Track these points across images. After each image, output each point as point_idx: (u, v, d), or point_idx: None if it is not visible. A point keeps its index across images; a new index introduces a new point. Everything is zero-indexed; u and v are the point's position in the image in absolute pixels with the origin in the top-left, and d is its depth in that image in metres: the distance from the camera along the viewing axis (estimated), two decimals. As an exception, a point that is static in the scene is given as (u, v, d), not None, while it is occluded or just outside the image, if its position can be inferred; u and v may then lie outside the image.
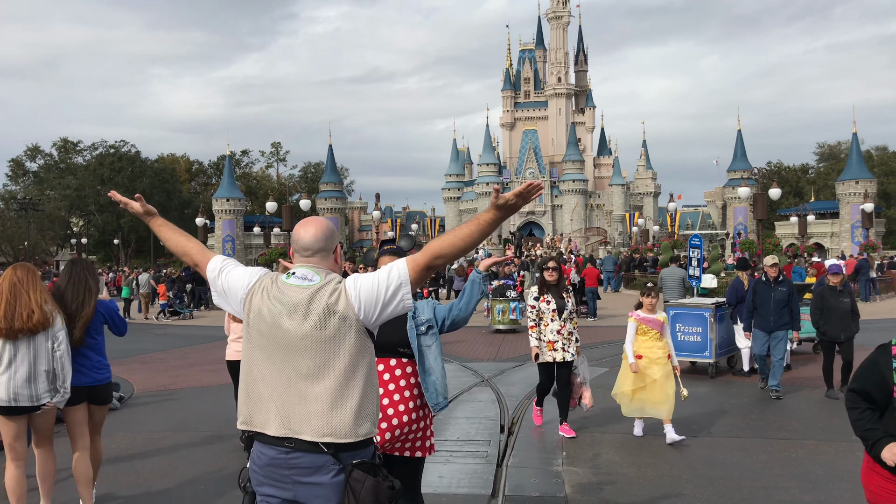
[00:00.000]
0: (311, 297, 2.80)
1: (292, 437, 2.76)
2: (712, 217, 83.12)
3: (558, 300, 7.96)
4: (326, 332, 2.76)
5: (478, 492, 6.25)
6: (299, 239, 2.96)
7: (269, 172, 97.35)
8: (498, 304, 18.68)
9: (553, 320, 7.91)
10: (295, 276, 2.88)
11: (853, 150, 63.83)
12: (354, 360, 2.80)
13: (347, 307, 2.78)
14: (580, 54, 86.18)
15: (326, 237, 2.97)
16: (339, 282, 2.86)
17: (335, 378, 2.76)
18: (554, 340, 7.90)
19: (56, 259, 73.05)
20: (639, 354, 7.89)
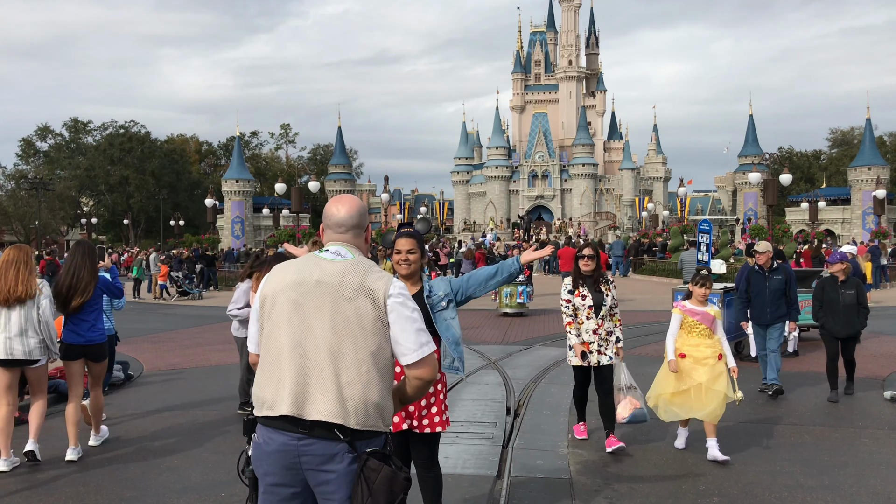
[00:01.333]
0: (344, 270, 2.77)
1: (306, 418, 2.66)
2: (722, 202, 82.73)
3: (595, 294, 6.82)
4: (354, 305, 2.71)
5: (483, 472, 6.30)
6: (333, 215, 2.93)
7: (278, 154, 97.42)
8: (506, 288, 18.68)
9: (589, 318, 6.81)
10: (328, 252, 2.86)
11: (866, 136, 63.33)
12: (380, 346, 2.75)
13: (380, 297, 2.74)
14: (591, 37, 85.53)
15: (360, 213, 2.96)
16: (380, 272, 2.82)
17: (359, 358, 2.71)
18: (590, 341, 6.81)
19: (66, 238, 73.52)
20: (682, 353, 6.76)
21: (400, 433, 4.35)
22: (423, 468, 4.51)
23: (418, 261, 4.41)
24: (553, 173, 75.82)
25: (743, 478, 6.15)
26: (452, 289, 4.43)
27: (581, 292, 6.86)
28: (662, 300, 18.32)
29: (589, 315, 6.82)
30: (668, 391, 6.80)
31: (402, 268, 4.38)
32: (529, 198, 76.16)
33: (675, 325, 6.92)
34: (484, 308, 19.58)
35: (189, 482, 6.09)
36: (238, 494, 5.78)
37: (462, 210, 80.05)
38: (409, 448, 4.48)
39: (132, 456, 6.90)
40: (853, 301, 9.10)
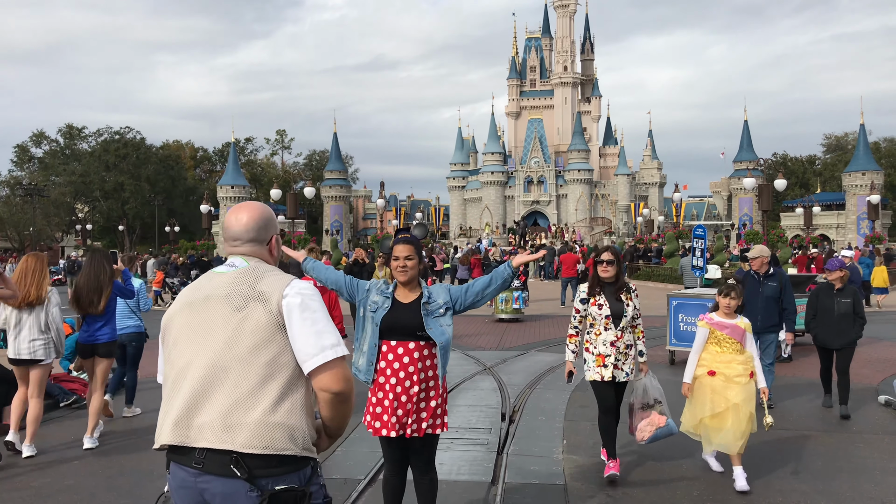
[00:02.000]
0: (234, 280, 2.49)
1: (190, 445, 2.32)
2: (718, 208, 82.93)
3: (614, 304, 6.09)
4: (245, 315, 2.40)
5: (478, 479, 6.29)
6: (228, 227, 2.64)
7: (273, 160, 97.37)
8: (501, 294, 18.66)
9: (607, 329, 6.08)
10: (223, 265, 2.61)
11: (860, 142, 63.50)
12: (278, 356, 2.40)
13: (274, 300, 2.42)
14: (587, 43, 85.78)
15: (259, 226, 2.63)
16: (277, 275, 2.52)
17: (253, 373, 2.36)
18: (605, 354, 6.07)
19: (61, 245, 73.36)
20: (711, 370, 6.12)
21: (398, 437, 4.37)
22: (419, 472, 4.53)
23: (416, 267, 4.43)
24: (549, 179, 75.94)
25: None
26: (451, 298, 4.46)
27: (598, 301, 6.11)
28: (658, 305, 18.32)
29: (607, 325, 6.09)
30: (706, 414, 6.09)
31: (401, 274, 4.40)
32: (525, 203, 76.23)
33: (700, 340, 6.27)
34: (479, 314, 19.57)
35: (182, 489, 6.05)
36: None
37: (458, 216, 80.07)
38: (408, 451, 4.49)
39: (126, 463, 6.88)
40: (849, 310, 8.58)
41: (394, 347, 4.33)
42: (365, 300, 4.46)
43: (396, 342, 4.34)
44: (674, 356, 12.22)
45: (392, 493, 4.62)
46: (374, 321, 4.35)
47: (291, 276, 2.52)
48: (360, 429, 7.03)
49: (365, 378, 4.40)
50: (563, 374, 6.42)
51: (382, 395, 4.34)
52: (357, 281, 4.62)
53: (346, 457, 6.96)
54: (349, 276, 4.69)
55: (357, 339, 4.53)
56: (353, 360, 4.53)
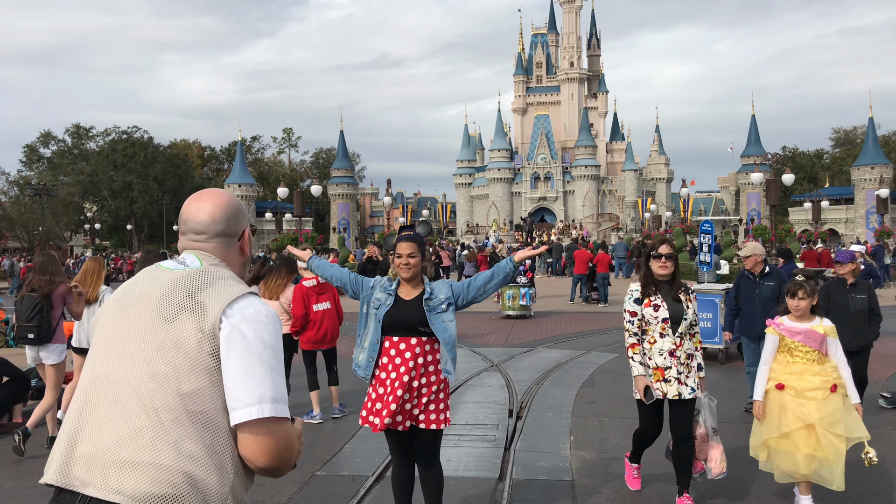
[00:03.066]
0: (175, 280, 1.97)
1: (71, 489, 1.83)
2: (725, 203, 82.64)
3: (672, 305, 5.21)
4: (173, 327, 1.88)
5: (485, 475, 6.30)
6: (190, 218, 2.11)
7: (280, 158, 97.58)
8: (508, 290, 18.68)
9: (663, 335, 5.18)
10: (171, 261, 2.10)
11: (869, 135, 63.20)
12: (199, 390, 1.86)
13: (212, 316, 1.88)
14: (593, 39, 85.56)
15: (230, 216, 2.11)
16: (231, 284, 1.98)
17: (161, 404, 1.83)
18: (664, 367, 5.17)
19: (70, 244, 73.69)
20: (780, 383, 5.17)
21: (401, 431, 4.42)
22: (424, 466, 4.57)
23: (419, 264, 4.47)
24: (555, 175, 75.82)
25: (745, 478, 6.14)
26: (454, 293, 4.51)
27: (653, 301, 5.21)
28: (665, 301, 18.38)
29: (664, 331, 5.18)
30: (772, 434, 5.15)
31: (404, 271, 4.45)
32: (532, 200, 76.15)
33: (769, 350, 5.32)
34: (486, 310, 19.58)
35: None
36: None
37: (465, 213, 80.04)
38: (413, 446, 4.52)
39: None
40: (864, 307, 7.75)
41: (396, 343, 4.38)
42: (369, 297, 4.51)
43: (398, 338, 4.39)
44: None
45: (401, 488, 4.66)
46: (377, 318, 4.40)
47: (250, 291, 1.98)
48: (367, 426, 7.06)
49: (364, 374, 4.46)
50: (573, 369, 6.33)
51: (383, 391, 4.38)
52: (361, 278, 4.67)
53: (353, 453, 6.99)
54: (354, 273, 4.74)
55: (359, 335, 4.57)
56: (354, 356, 4.59)
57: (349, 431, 7.71)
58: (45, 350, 7.23)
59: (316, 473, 6.38)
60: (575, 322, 18.06)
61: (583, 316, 19.39)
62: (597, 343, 14.22)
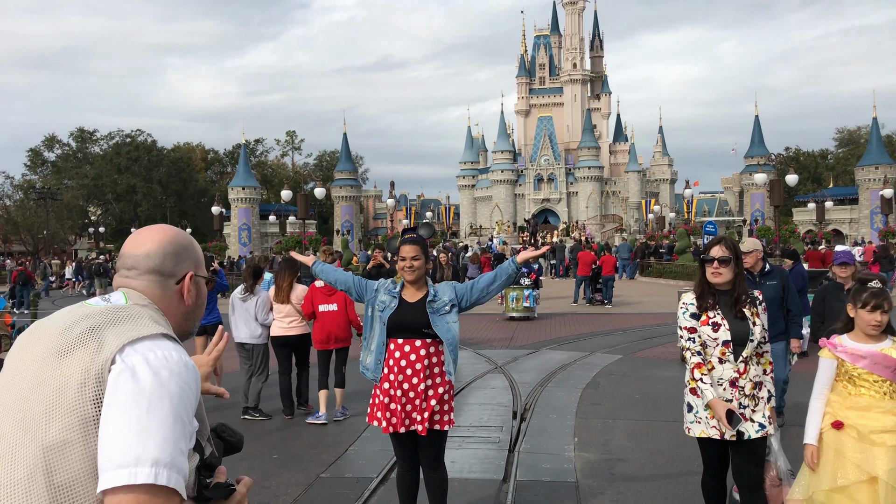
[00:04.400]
0: (85, 315, 1.65)
1: None
2: (729, 204, 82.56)
3: (735, 323, 4.16)
4: (62, 365, 1.54)
5: (490, 476, 6.31)
6: (123, 252, 1.82)
7: (284, 161, 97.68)
8: (512, 292, 18.69)
9: (723, 360, 4.15)
10: (97, 297, 1.79)
11: (873, 135, 63.03)
12: (68, 443, 1.48)
13: (104, 357, 1.53)
14: (596, 40, 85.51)
15: (167, 253, 1.79)
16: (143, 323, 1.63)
17: (21, 459, 1.48)
18: (725, 399, 4.14)
19: (75, 248, 73.87)
20: (838, 421, 4.01)
21: (407, 433, 4.44)
22: (429, 468, 4.60)
23: (423, 266, 4.50)
24: (559, 176, 75.79)
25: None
26: (457, 295, 4.53)
27: (712, 318, 4.18)
28: (670, 302, 18.31)
29: (723, 356, 4.13)
30: (823, 488, 4.02)
31: (408, 274, 4.47)
32: (535, 201, 76.12)
33: (824, 378, 4.16)
34: (490, 312, 19.59)
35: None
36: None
37: (468, 214, 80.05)
38: (418, 447, 4.54)
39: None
40: None
41: (401, 345, 4.41)
42: (373, 300, 4.54)
43: (403, 340, 4.42)
44: (685, 353, 12.18)
45: (406, 489, 4.68)
46: (382, 320, 4.43)
47: (164, 335, 1.63)
48: (371, 428, 7.07)
49: (373, 377, 4.48)
50: (577, 371, 6.27)
51: (392, 393, 4.40)
52: (366, 281, 4.69)
53: (358, 455, 7.00)
54: (358, 277, 4.77)
55: (365, 338, 4.61)
56: (361, 359, 4.61)
57: (353, 433, 7.73)
58: None
59: (321, 475, 6.39)
60: (579, 324, 18.05)
61: (587, 317, 19.39)
62: (601, 345, 14.21)
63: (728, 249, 4.23)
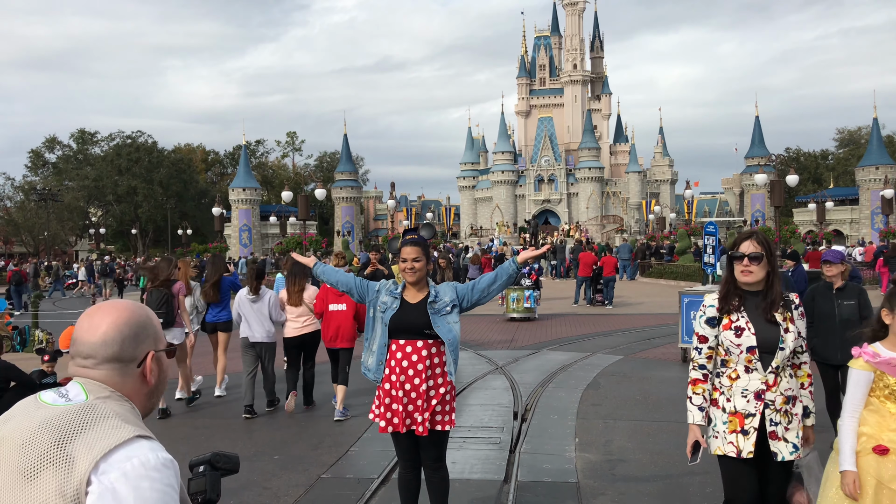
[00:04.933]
0: (44, 424, 1.53)
1: None
2: (730, 204, 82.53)
3: (763, 328, 3.66)
4: (32, 486, 1.45)
5: (491, 477, 6.31)
6: (77, 338, 1.69)
7: (284, 162, 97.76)
8: (512, 293, 18.70)
9: (750, 369, 3.66)
10: (52, 391, 1.66)
11: (873, 136, 63.01)
12: None
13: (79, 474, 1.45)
14: (596, 41, 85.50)
15: (126, 336, 1.67)
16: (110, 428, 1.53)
17: None
18: (745, 413, 3.64)
19: (75, 249, 73.91)
20: (881, 445, 3.47)
21: (408, 433, 4.44)
22: (430, 469, 4.60)
23: (424, 268, 4.50)
24: (559, 177, 75.78)
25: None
26: (458, 295, 4.53)
27: (735, 321, 3.68)
28: (670, 303, 18.31)
29: (750, 363, 3.63)
30: None
31: (409, 275, 4.46)
32: (536, 202, 76.12)
33: (859, 395, 3.61)
34: (491, 313, 19.58)
35: (197, 490, 6.12)
36: (245, 502, 5.82)
37: (468, 215, 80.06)
38: (419, 448, 4.54)
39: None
40: (853, 314, 6.64)
41: (402, 346, 4.41)
42: (375, 301, 4.54)
43: (405, 341, 4.41)
44: (686, 353, 12.19)
45: (407, 490, 4.68)
46: (384, 321, 4.43)
47: (139, 434, 1.55)
48: (372, 428, 7.09)
49: (374, 377, 4.49)
50: (577, 371, 6.19)
51: (394, 393, 4.40)
52: (367, 282, 4.68)
53: (359, 456, 7.00)
54: (359, 278, 4.75)
55: (367, 338, 4.60)
56: (363, 359, 4.61)
57: (354, 434, 7.73)
58: (169, 333, 8.91)
59: (321, 476, 6.39)
60: (579, 324, 18.05)
61: (587, 318, 19.38)
62: (601, 345, 14.21)
63: (760, 245, 3.72)
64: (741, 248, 3.74)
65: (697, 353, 3.79)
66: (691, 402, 3.79)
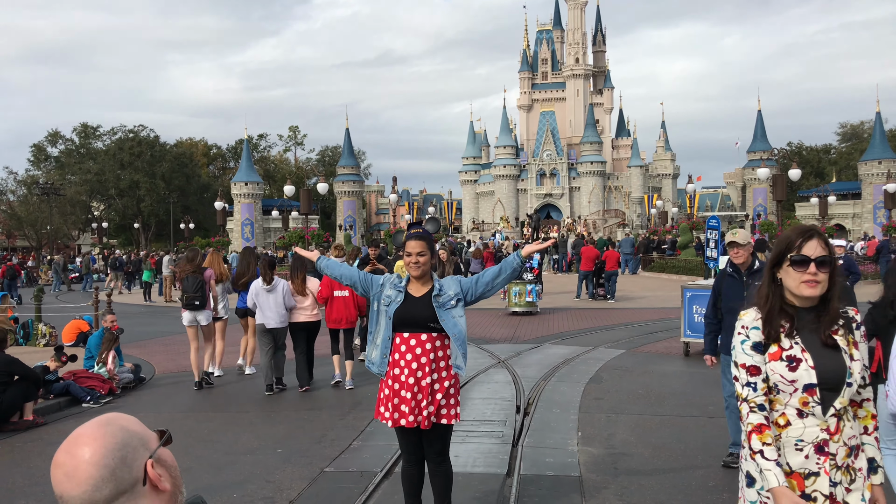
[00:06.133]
0: None
1: None
2: (732, 198, 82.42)
3: (824, 355, 2.71)
4: None
5: (493, 471, 6.32)
6: (63, 493, 1.37)
7: (286, 156, 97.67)
8: (514, 287, 18.70)
9: (805, 413, 2.70)
10: None
11: (876, 130, 62.94)
12: None
13: None
14: (598, 35, 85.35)
15: (114, 469, 1.37)
16: None
17: None
18: (805, 472, 2.69)
19: (78, 243, 73.97)
20: None
21: (413, 427, 4.44)
22: (434, 462, 4.61)
23: (429, 262, 4.49)
24: (561, 171, 75.71)
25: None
26: (462, 289, 4.52)
27: (786, 350, 2.74)
28: (672, 297, 18.32)
29: (806, 405, 2.70)
30: None
31: (414, 269, 4.45)
32: (538, 196, 76.07)
33: None
34: (493, 307, 19.60)
35: (200, 483, 6.14)
36: (249, 495, 5.84)
37: (470, 209, 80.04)
38: (423, 442, 4.55)
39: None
40: None
41: (406, 339, 4.40)
42: (379, 294, 4.53)
43: (409, 334, 4.41)
44: (688, 348, 12.20)
45: (410, 484, 4.69)
46: (388, 314, 4.42)
47: None
48: (375, 422, 7.10)
49: (378, 371, 4.48)
50: (580, 365, 5.95)
51: (398, 387, 4.40)
52: (371, 276, 4.67)
53: (362, 450, 7.02)
54: (363, 272, 4.74)
55: (371, 332, 4.59)
56: (367, 353, 4.61)
57: (357, 428, 7.75)
58: (201, 314, 10.26)
59: (325, 469, 6.41)
60: (581, 318, 18.06)
61: (589, 312, 19.39)
62: (603, 339, 14.22)
63: (828, 247, 2.79)
64: (804, 249, 2.73)
65: (751, 391, 2.73)
66: (763, 457, 2.65)
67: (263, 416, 8.62)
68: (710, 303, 6.43)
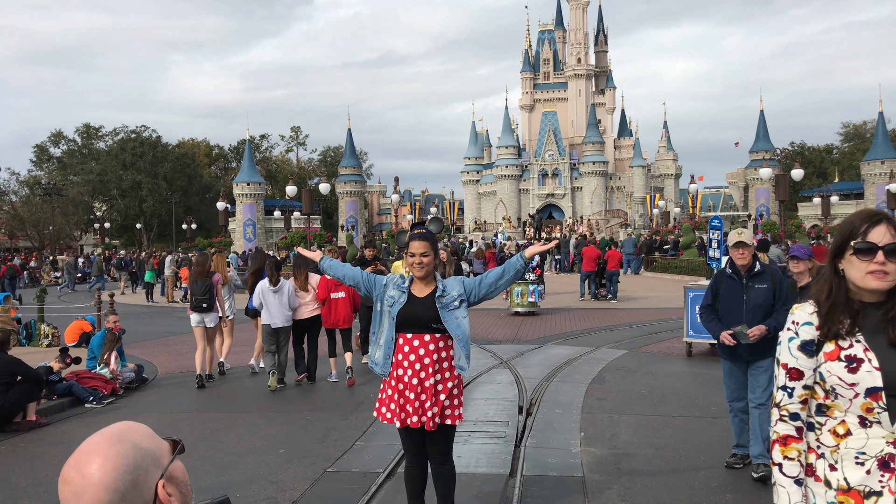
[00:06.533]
0: None
1: None
2: (734, 198, 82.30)
3: (891, 356, 2.27)
4: None
5: (496, 471, 6.32)
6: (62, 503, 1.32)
7: (288, 156, 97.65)
8: (517, 287, 18.68)
9: (868, 421, 2.28)
10: None
11: (879, 130, 62.84)
12: None
13: None
14: (600, 35, 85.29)
15: (125, 493, 1.31)
16: None
17: None
18: (866, 490, 2.26)
19: (80, 243, 74.05)
20: None
21: (417, 428, 4.44)
22: (437, 463, 4.60)
23: (432, 262, 4.49)
24: (563, 172, 75.67)
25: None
26: (466, 290, 4.52)
27: (844, 348, 2.34)
28: (675, 297, 18.30)
29: (870, 412, 2.29)
30: None
31: (417, 270, 4.45)
32: (540, 196, 76.03)
33: None
34: (495, 307, 19.59)
35: (203, 483, 6.14)
36: (252, 496, 5.84)
37: (472, 210, 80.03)
38: (426, 442, 4.54)
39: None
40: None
41: (409, 340, 4.40)
42: (382, 295, 4.52)
43: (412, 335, 4.40)
44: (691, 348, 12.19)
45: (413, 484, 4.68)
46: (391, 315, 4.42)
47: None
48: (377, 422, 7.09)
49: (381, 371, 4.47)
50: (583, 366, 6.04)
51: (402, 387, 4.40)
52: (374, 277, 4.66)
53: (364, 450, 7.01)
54: (366, 273, 4.74)
55: (374, 332, 4.58)
56: (370, 353, 4.60)
57: (360, 428, 7.74)
58: (208, 316, 10.61)
59: (327, 470, 6.41)
60: (584, 318, 18.05)
61: (592, 312, 19.38)
62: (606, 339, 14.21)
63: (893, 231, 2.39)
64: (871, 236, 2.36)
65: (786, 396, 2.44)
66: (781, 471, 2.41)
67: (266, 416, 8.62)
68: (707, 303, 6.35)
